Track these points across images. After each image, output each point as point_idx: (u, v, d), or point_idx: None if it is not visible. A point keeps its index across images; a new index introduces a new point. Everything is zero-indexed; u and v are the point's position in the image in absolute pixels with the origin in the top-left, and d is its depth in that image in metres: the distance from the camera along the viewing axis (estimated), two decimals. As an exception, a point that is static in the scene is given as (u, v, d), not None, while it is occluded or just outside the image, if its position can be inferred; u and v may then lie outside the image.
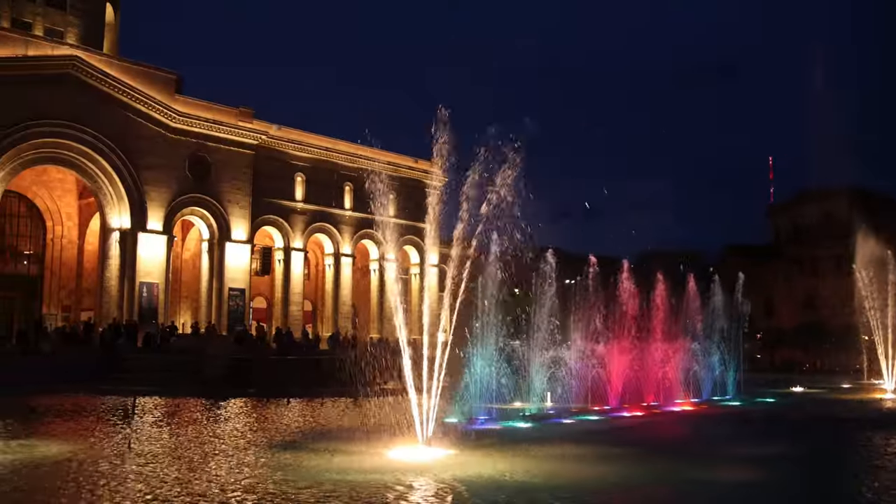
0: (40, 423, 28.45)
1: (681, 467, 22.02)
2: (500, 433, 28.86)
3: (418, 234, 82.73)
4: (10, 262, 67.20)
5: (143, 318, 63.00)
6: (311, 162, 77.69)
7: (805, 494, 19.07)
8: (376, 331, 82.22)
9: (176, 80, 69.21)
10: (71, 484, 17.37)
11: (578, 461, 22.56)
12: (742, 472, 21.30)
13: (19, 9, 72.47)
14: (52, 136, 60.78)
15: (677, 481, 19.77)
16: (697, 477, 20.35)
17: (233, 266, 71.03)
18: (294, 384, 45.01)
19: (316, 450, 22.79)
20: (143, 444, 23.63)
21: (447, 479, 18.78)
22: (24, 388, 39.31)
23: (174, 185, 67.54)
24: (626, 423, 34.83)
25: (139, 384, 42.70)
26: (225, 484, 17.77)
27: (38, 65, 60.23)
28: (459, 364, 31.75)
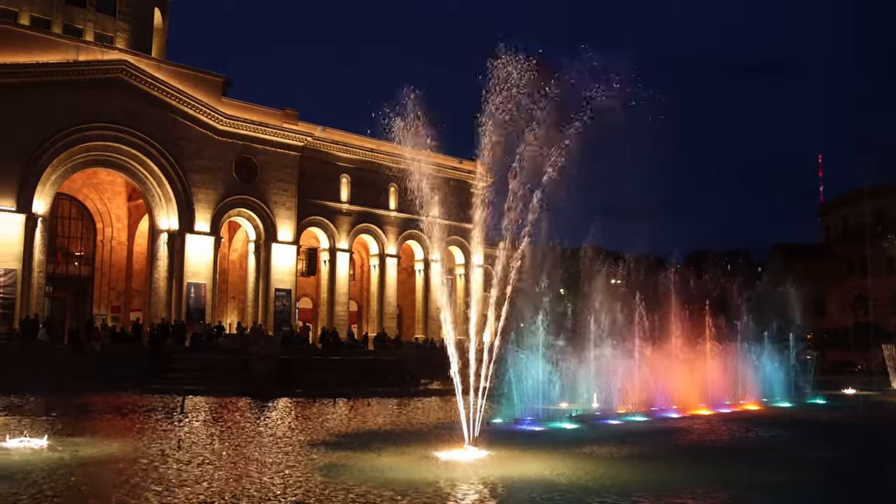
0: (93, 421, 28.85)
1: (730, 469, 21.72)
2: (546, 434, 28.72)
3: (463, 235, 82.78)
4: (61, 264, 68.28)
5: (191, 319, 63.70)
6: (355, 163, 77.99)
7: (859, 498, 18.71)
8: (421, 331, 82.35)
9: (223, 83, 69.92)
10: (122, 483, 17.56)
11: (625, 462, 22.34)
12: (793, 475, 20.97)
13: (70, 15, 73.80)
14: (102, 139, 61.74)
15: (727, 483, 19.48)
16: (747, 479, 20.05)
17: (279, 267, 71.55)
18: (340, 384, 45.20)
19: (362, 449, 22.82)
20: (192, 443, 23.84)
21: (493, 480, 18.70)
22: (76, 386, 39.93)
23: (221, 187, 68.22)
24: (674, 425, 34.42)
25: (187, 383, 43.19)
26: (273, 483, 17.86)
27: (89, 69, 61.21)
28: (505, 365, 31.67)
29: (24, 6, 71.39)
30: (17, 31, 61.18)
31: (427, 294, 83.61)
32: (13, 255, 57.27)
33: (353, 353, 60.92)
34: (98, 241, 71.13)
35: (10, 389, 36.78)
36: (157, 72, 65.29)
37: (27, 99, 57.79)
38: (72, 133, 60.04)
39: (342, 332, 70.22)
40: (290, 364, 49.45)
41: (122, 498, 16.06)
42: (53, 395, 36.00)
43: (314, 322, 76.67)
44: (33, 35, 61.99)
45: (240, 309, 74.12)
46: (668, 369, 41.83)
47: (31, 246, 58.24)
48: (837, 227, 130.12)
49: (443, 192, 69.00)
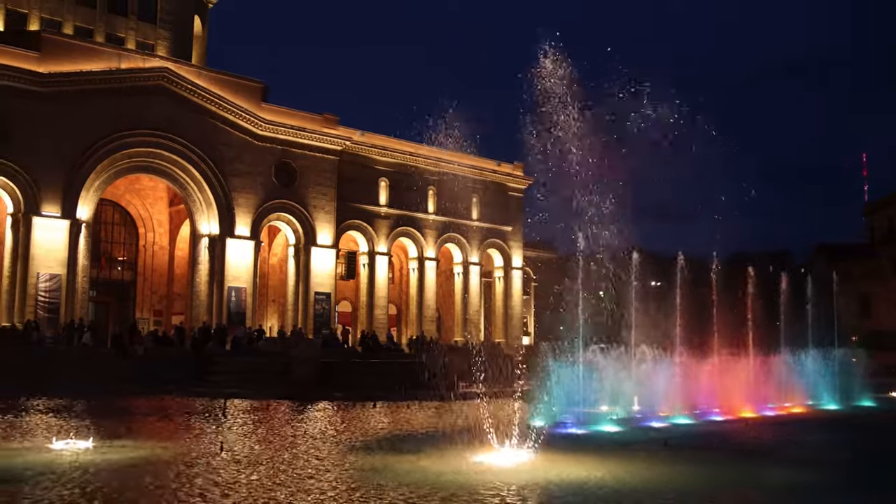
0: (136, 424, 29.12)
1: (773, 472, 21.42)
2: (587, 437, 28.51)
3: (502, 237, 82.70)
4: (105, 268, 69.13)
5: (232, 322, 64.21)
6: (394, 167, 78.11)
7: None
8: (461, 334, 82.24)
9: (262, 89, 70.41)
10: (166, 486, 17.70)
11: (669, 465, 22.11)
12: (838, 478, 20.63)
13: (113, 24, 74.98)
14: (144, 145, 62.50)
15: (769, 486, 19.21)
16: (790, 482, 19.77)
17: (318, 270, 71.86)
18: (379, 387, 45.22)
19: (402, 452, 22.81)
20: (234, 445, 23.97)
21: (532, 483, 18.60)
22: (120, 389, 40.34)
23: (261, 192, 68.70)
24: (718, 428, 34.04)
25: (228, 386, 43.49)
26: (314, 485, 17.90)
27: (131, 77, 62.02)
28: (544, 367, 31.50)
29: (67, 16, 72.66)
30: (61, 41, 62.13)
31: (466, 297, 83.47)
32: (58, 260, 58.13)
33: (393, 356, 60.99)
34: (140, 246, 71.95)
35: (55, 392, 37.28)
36: (197, 78, 65.95)
37: (71, 107, 58.68)
38: (114, 140, 60.86)
39: (381, 336, 70.36)
40: (330, 367, 49.64)
41: (168, 501, 16.18)
42: (98, 397, 36.40)
43: (353, 325, 76.90)
44: (76, 44, 62.97)
45: (280, 312, 74.56)
46: (711, 371, 41.38)
47: (76, 251, 59.09)
48: (883, 227, 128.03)
49: (481, 195, 69.59)
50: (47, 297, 57.44)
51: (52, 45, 59.87)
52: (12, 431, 26.28)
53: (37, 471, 18.88)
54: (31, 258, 57.21)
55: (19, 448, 22.39)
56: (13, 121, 56.58)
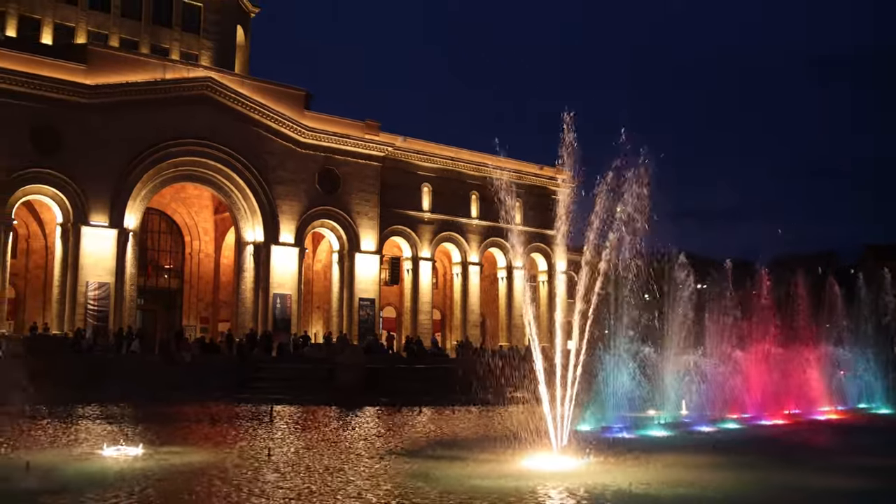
0: (184, 431, 29.38)
1: (825, 479, 21.00)
2: (635, 441, 28.22)
3: (545, 241, 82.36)
4: (151, 276, 69.96)
5: (277, 329, 64.58)
6: (436, 172, 78.14)
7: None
8: (505, 339, 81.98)
9: (305, 97, 70.83)
10: (216, 491, 17.80)
11: (719, 470, 21.78)
12: (890, 483, 20.18)
13: (157, 35, 76.06)
14: (188, 154, 63.17)
15: (823, 493, 18.84)
16: (843, 489, 19.37)
17: (362, 276, 72.07)
18: (425, 393, 45.20)
19: (450, 458, 22.73)
20: (281, 451, 24.07)
21: (581, 489, 18.42)
22: (167, 396, 40.75)
23: (304, 199, 69.08)
24: (767, 432, 33.59)
25: (274, 392, 43.74)
26: (363, 491, 17.89)
27: (175, 87, 62.75)
28: (591, 372, 31.25)
29: (113, 29, 73.83)
30: (108, 53, 63.12)
31: (510, 301, 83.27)
32: (107, 269, 58.92)
33: (438, 361, 60.93)
34: (186, 254, 72.70)
35: (105, 399, 37.77)
36: (240, 87, 66.53)
37: (118, 118, 59.49)
38: (160, 149, 61.58)
39: (426, 341, 70.39)
40: (375, 373, 49.71)
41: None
42: (146, 404, 36.81)
43: (398, 331, 76.98)
44: (122, 56, 63.92)
45: (325, 319, 74.86)
46: (760, 375, 40.82)
47: (123, 260, 59.85)
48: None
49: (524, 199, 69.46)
50: (96, 305, 58.24)
51: (99, 58, 60.79)
52: (64, 438, 26.66)
53: (89, 478, 19.09)
54: (81, 267, 58.05)
55: (72, 455, 22.67)
56: (62, 132, 57.53)
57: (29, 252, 64.40)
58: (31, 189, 57.31)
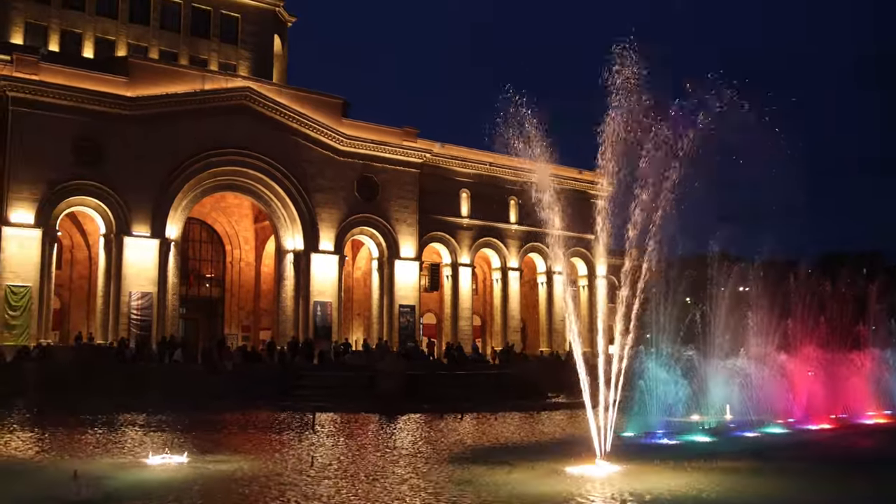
0: (227, 439, 29.50)
1: (877, 486, 20.52)
2: (679, 447, 27.89)
3: (585, 246, 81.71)
4: (193, 286, 70.49)
5: (318, 336, 64.74)
6: (475, 178, 78.04)
7: None
8: (546, 344, 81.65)
9: (342, 105, 71.09)
10: (262, 498, 17.81)
11: (760, 476, 21.42)
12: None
13: (196, 46, 76.96)
14: (228, 164, 63.63)
15: (873, 501, 18.41)
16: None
17: (402, 283, 72.10)
18: (466, 399, 45.07)
19: (493, 464, 22.59)
20: (324, 458, 24.05)
21: (625, 494, 18.18)
22: (210, 404, 40.95)
23: (343, 206, 69.29)
24: (813, 437, 33.05)
25: (316, 400, 43.77)
26: (406, 497, 17.81)
27: (214, 97, 63.28)
28: (634, 377, 30.96)
29: (153, 41, 74.80)
30: (148, 65, 63.88)
31: (551, 306, 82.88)
32: (149, 278, 59.47)
33: (479, 367, 60.77)
34: (227, 263, 73.22)
35: (149, 407, 38.03)
36: (278, 96, 66.92)
37: (158, 129, 60.11)
38: (200, 159, 62.10)
39: (467, 347, 70.28)
40: (416, 380, 49.65)
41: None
42: (189, 412, 37.01)
43: (438, 337, 76.90)
44: (162, 68, 64.63)
45: (365, 326, 74.97)
46: (805, 379, 40.19)
47: (165, 269, 60.39)
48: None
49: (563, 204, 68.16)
50: (139, 314, 58.77)
51: (139, 70, 61.49)
52: (111, 446, 26.86)
53: (136, 487, 19.22)
54: (124, 277, 58.64)
55: (118, 463, 22.81)
56: (104, 144, 58.24)
57: (73, 263, 65.24)
58: (75, 201, 58.06)
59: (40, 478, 20.50)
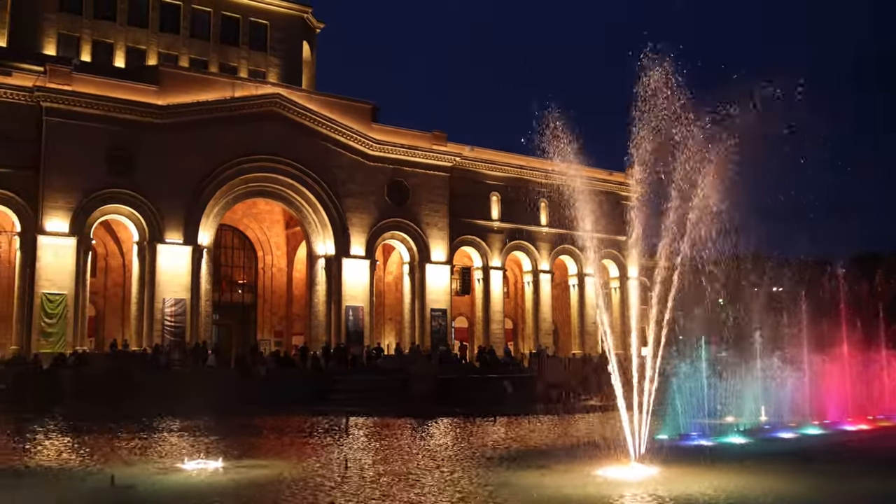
0: (262, 443, 29.61)
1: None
2: (715, 449, 27.65)
3: (616, 248, 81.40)
4: (226, 292, 70.97)
5: (350, 341, 64.90)
6: (505, 181, 77.95)
7: None
8: (578, 347, 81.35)
9: (371, 110, 71.27)
10: (298, 501, 17.85)
11: (798, 478, 21.14)
12: None
13: (225, 54, 77.59)
14: (259, 170, 63.99)
15: None
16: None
17: (433, 287, 72.12)
18: (499, 402, 45.01)
19: (526, 467, 22.52)
20: (358, 462, 24.07)
21: (658, 498, 18.02)
22: (244, 409, 41.17)
23: (374, 211, 69.45)
24: (851, 438, 32.64)
25: (349, 404, 43.89)
26: (441, 501, 17.77)
27: (244, 104, 63.66)
28: (668, 379, 30.75)
29: (182, 49, 75.50)
30: (178, 74, 64.50)
31: (582, 309, 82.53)
32: (182, 285, 59.92)
33: (511, 370, 60.65)
34: (259, 269, 73.65)
35: (183, 413, 38.28)
36: (308, 102, 67.22)
37: (189, 136, 60.60)
38: (231, 166, 62.51)
39: (498, 350, 70.17)
40: (448, 383, 49.66)
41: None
42: (224, 417, 37.20)
43: (470, 341, 76.87)
44: (192, 76, 65.19)
45: (397, 330, 75.10)
46: (842, 379, 39.75)
47: (198, 276, 60.81)
48: None
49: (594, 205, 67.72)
50: (173, 321, 59.22)
51: (170, 78, 62.05)
52: (147, 452, 27.07)
53: (173, 492, 19.34)
54: (157, 284, 59.14)
55: (155, 469, 22.95)
56: (136, 153, 58.79)
57: (107, 270, 65.90)
58: (108, 209, 58.64)
59: (78, 483, 20.67)
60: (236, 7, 78.68)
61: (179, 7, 76.02)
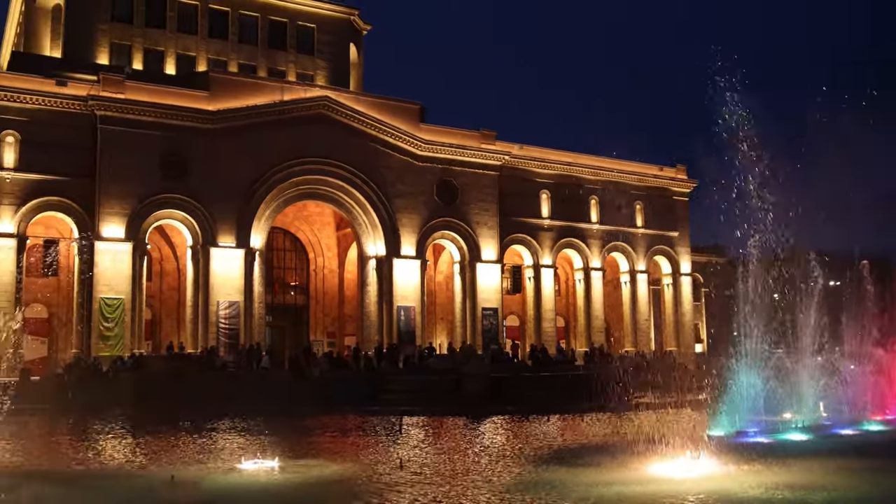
0: (317, 443, 29.81)
1: None
2: (770, 446, 27.13)
3: (668, 244, 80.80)
4: (279, 294, 71.65)
5: (402, 341, 65.14)
6: (555, 178, 77.66)
7: None
8: (630, 344, 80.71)
9: (419, 110, 71.44)
10: (354, 499, 17.94)
11: (862, 476, 20.64)
12: None
13: (273, 58, 78.41)
14: (309, 173, 64.55)
15: None
16: None
17: (484, 286, 72.10)
18: (552, 400, 44.77)
19: (580, 465, 22.34)
20: (412, 460, 24.12)
21: (716, 495, 17.77)
22: (298, 410, 41.48)
23: (424, 211, 69.62)
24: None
25: (402, 404, 43.98)
26: (496, 499, 17.74)
27: (293, 108, 64.31)
28: (723, 375, 30.36)
29: (231, 55, 76.46)
30: (228, 79, 65.38)
31: (634, 306, 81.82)
32: (235, 288, 60.65)
33: (563, 368, 60.31)
34: (311, 271, 74.22)
35: (238, 414, 38.70)
36: (356, 104, 67.60)
37: (240, 141, 61.38)
38: (282, 169, 63.17)
39: (550, 349, 69.90)
40: (500, 382, 49.51)
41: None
42: (278, 418, 37.50)
43: (522, 339, 76.69)
44: (241, 81, 66.02)
45: (448, 329, 75.18)
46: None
47: (251, 279, 61.50)
48: None
49: (645, 201, 67.90)
50: (227, 323, 59.97)
51: (220, 84, 62.87)
52: (204, 452, 27.39)
53: (233, 491, 19.57)
54: (211, 287, 59.93)
55: (212, 468, 23.23)
56: (188, 158, 59.73)
57: (162, 274, 66.90)
58: (162, 214, 59.60)
59: (139, 483, 21.00)
60: (283, 11, 79.45)
61: (228, 13, 76.97)
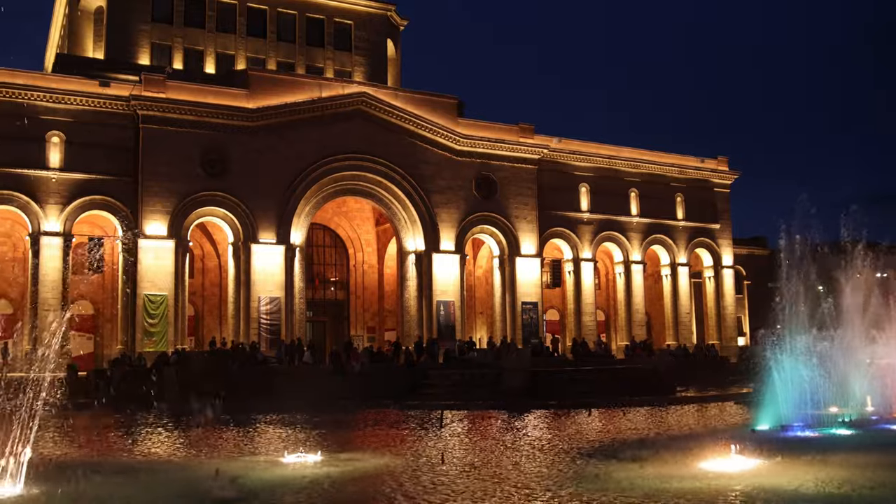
0: (359, 437, 29.99)
1: None
2: (818, 441, 26.86)
3: (709, 236, 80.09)
4: (319, 289, 72.08)
5: (442, 335, 65.22)
6: (594, 171, 77.24)
7: None
8: (672, 338, 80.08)
9: (457, 105, 71.40)
10: (400, 492, 18.03)
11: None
12: None
13: (311, 56, 78.83)
14: (347, 169, 64.80)
15: None
16: None
17: (524, 280, 71.95)
18: (593, 394, 44.63)
19: (624, 459, 22.24)
20: (454, 454, 24.17)
21: (761, 489, 17.62)
22: (340, 404, 41.73)
23: (462, 205, 69.61)
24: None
25: (442, 398, 44.12)
26: (539, 493, 17.73)
27: (332, 104, 64.54)
28: (766, 368, 30.09)
29: (270, 53, 77.01)
30: (266, 77, 65.66)
31: (676, 299, 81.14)
32: (276, 283, 61.12)
33: (604, 362, 60.10)
34: (351, 266, 74.59)
35: (280, 408, 39.02)
36: (393, 100, 67.74)
37: (279, 138, 61.84)
38: (321, 166, 63.49)
39: (591, 342, 69.59)
40: (541, 376, 49.44)
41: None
42: (320, 413, 37.76)
43: (562, 333, 76.44)
44: (280, 78, 66.34)
45: (488, 324, 75.16)
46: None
47: (292, 274, 61.94)
48: None
49: (685, 193, 67.49)
50: (268, 319, 60.46)
51: (259, 82, 63.26)
52: (248, 446, 27.70)
53: (277, 484, 19.75)
54: (252, 283, 60.45)
55: (256, 461, 23.47)
56: (229, 156, 60.25)
57: (204, 271, 67.59)
58: (204, 211, 60.16)
59: (184, 476, 21.26)
60: (321, 9, 79.81)
61: (266, 11, 77.45)
